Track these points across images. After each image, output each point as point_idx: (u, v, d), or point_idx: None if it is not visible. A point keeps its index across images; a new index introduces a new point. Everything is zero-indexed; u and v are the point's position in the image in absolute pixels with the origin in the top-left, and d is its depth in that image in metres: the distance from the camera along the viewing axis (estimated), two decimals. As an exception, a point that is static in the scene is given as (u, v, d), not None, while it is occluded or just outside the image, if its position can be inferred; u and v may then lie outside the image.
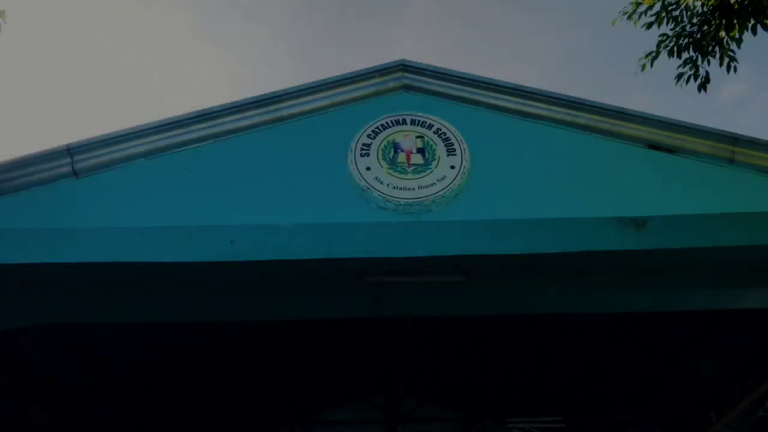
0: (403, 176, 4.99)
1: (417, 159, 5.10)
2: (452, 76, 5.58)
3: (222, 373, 10.61)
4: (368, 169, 5.01)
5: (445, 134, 5.24)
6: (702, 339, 8.69)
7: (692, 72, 6.05)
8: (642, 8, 6.15)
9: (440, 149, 5.15)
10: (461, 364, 10.27)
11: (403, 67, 5.62)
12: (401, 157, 5.12)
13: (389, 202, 4.84)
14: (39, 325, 7.00)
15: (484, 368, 11.62)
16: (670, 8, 6.00)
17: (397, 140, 5.23)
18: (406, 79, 5.63)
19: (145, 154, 5.17)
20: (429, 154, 5.12)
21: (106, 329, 8.27)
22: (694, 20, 5.90)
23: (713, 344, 8.73)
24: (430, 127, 5.29)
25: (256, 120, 5.36)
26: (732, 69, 5.95)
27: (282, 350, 10.77)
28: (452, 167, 5.03)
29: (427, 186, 4.92)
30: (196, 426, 11.44)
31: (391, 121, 5.34)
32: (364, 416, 12.59)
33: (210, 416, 11.40)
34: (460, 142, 5.17)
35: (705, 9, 5.81)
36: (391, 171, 5.02)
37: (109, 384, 9.28)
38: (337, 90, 5.50)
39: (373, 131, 5.25)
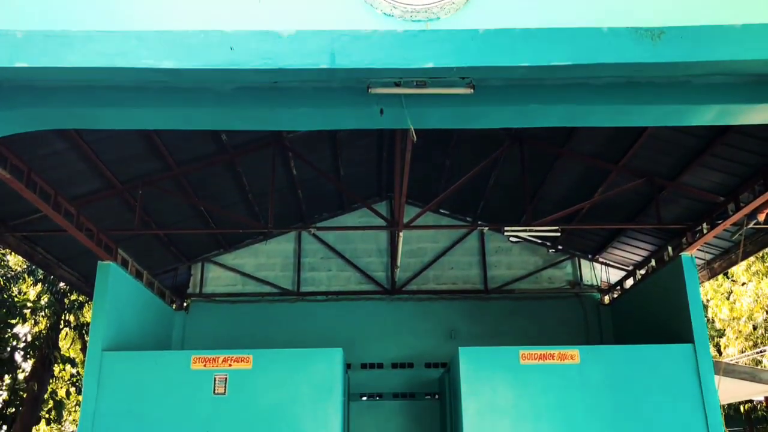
0: (410, -21, 4.66)
1: (426, -41, 4.73)
2: None
3: (229, 178, 10.85)
4: (374, -30, 4.68)
5: (457, -69, 4.81)
6: (702, 153, 8.75)
7: None
8: None
9: (451, -52, 4.75)
10: (462, 174, 10.45)
11: None
12: (409, -42, 4.74)
13: (395, 8, 4.57)
14: (46, 131, 7.04)
15: (484, 179, 11.85)
16: None
17: (405, -63, 4.81)
18: None
19: (135, -49, 4.83)
20: (439, -46, 4.74)
21: (113, 136, 8.34)
22: None
23: (713, 158, 8.80)
24: None
25: None
26: None
27: (287, 157, 10.92)
28: (464, -30, 4.68)
29: (437, -9, 4.62)
30: (204, 227, 11.94)
31: None
32: (368, 222, 13.12)
33: (218, 218, 11.86)
34: (474, -59, 4.77)
35: None
36: (398, -27, 4.68)
37: (120, 189, 9.54)
38: None
39: (379, -73, 4.83)
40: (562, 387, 9.02)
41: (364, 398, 12.31)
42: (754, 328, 19.23)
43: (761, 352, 18.60)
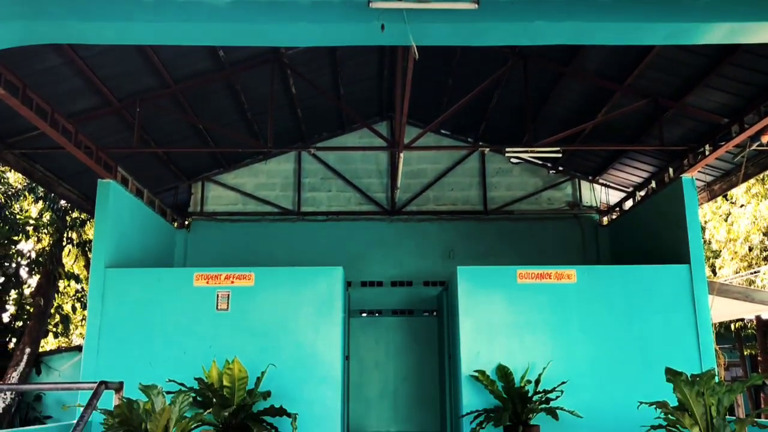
0: None
1: None
2: None
3: (228, 96, 10.70)
4: None
5: None
6: (709, 73, 8.59)
7: None
8: None
9: None
10: (464, 94, 10.30)
11: None
12: None
13: None
14: (40, 46, 6.89)
15: (486, 99, 11.69)
16: None
17: None
18: None
19: None
20: None
21: (109, 51, 8.16)
22: None
23: (720, 78, 8.65)
24: None
25: None
26: None
27: (286, 74, 10.74)
28: None
29: None
30: (203, 146, 11.88)
31: None
32: (368, 143, 13.05)
33: (217, 137, 11.77)
34: None
35: None
36: None
37: (117, 106, 9.43)
38: None
39: None
40: (558, 305, 9.20)
41: (364, 314, 12.59)
42: (750, 249, 19.44)
43: (755, 272, 18.88)
